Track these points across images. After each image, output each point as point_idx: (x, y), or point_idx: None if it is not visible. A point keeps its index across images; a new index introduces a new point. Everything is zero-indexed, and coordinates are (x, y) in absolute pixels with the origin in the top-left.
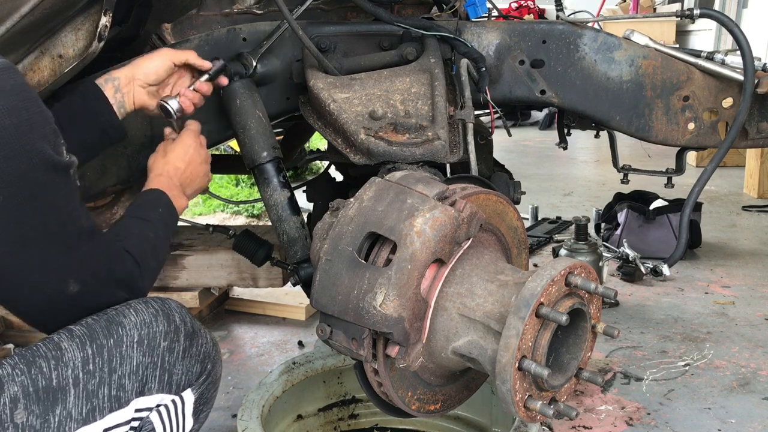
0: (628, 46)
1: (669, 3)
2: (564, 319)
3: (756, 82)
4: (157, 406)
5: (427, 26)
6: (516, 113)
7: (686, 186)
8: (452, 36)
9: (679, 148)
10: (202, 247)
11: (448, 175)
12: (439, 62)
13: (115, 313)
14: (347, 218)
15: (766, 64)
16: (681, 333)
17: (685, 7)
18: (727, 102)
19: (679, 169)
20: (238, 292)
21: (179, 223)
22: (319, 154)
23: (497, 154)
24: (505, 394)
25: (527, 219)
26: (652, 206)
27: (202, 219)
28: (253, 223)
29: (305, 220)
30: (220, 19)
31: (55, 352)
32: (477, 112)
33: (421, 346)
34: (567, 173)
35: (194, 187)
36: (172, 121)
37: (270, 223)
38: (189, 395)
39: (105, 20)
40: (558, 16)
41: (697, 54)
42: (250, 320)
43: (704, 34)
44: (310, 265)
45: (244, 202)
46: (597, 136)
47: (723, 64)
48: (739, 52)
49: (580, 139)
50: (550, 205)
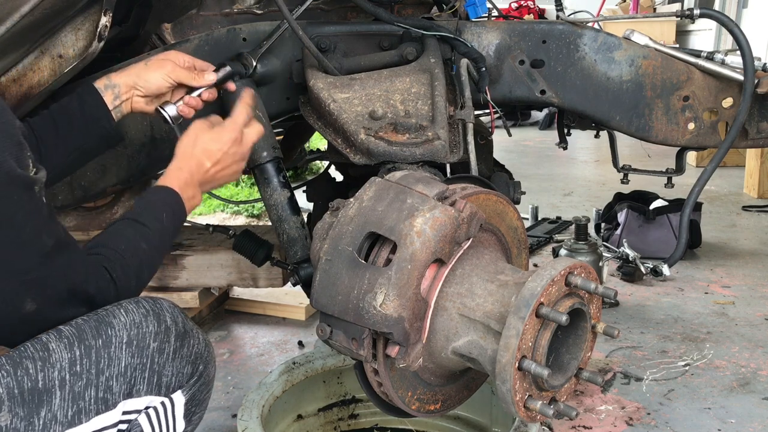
0: (628, 46)
1: (669, 3)
2: (564, 319)
3: (756, 82)
4: (146, 409)
5: (427, 26)
6: (516, 113)
7: (686, 186)
8: (452, 36)
9: (679, 148)
10: (202, 247)
11: (448, 175)
12: (439, 62)
13: (105, 314)
14: (347, 218)
15: (766, 64)
16: (681, 333)
17: (685, 7)
18: (727, 102)
19: (679, 169)
20: (238, 292)
21: None
22: (319, 154)
23: (497, 154)
24: (505, 394)
25: (527, 219)
26: (652, 206)
27: (202, 219)
28: (253, 223)
29: (305, 220)
30: (220, 19)
31: (42, 353)
32: (477, 112)
33: (421, 346)
34: (567, 173)
35: (214, 185)
36: (170, 126)
37: (270, 223)
38: (179, 397)
39: (105, 20)
40: (558, 16)
41: (697, 54)
42: (250, 320)
43: (704, 34)
44: (310, 265)
45: (244, 202)
46: (597, 136)
47: (723, 64)
48: (739, 52)
49: (580, 139)
50: (550, 205)
